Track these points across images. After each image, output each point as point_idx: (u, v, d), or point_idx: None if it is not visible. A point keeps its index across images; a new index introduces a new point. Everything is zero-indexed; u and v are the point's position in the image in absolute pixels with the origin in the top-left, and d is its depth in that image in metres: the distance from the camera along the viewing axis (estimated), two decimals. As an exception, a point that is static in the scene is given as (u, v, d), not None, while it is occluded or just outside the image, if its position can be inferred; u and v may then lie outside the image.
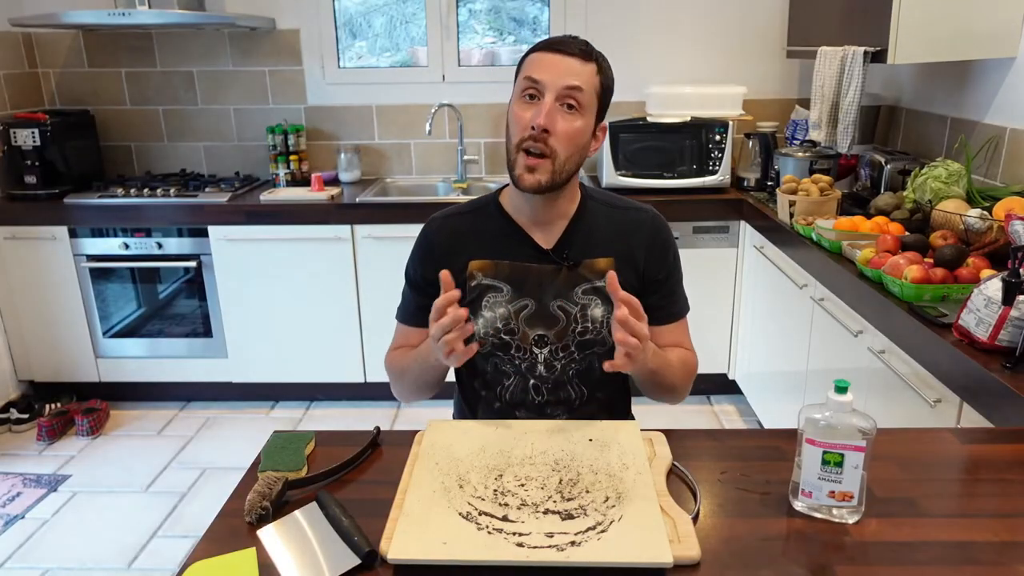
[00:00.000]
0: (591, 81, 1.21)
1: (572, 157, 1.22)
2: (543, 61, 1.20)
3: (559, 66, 1.19)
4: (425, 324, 1.33)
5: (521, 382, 1.33)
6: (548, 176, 1.21)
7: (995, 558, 0.84)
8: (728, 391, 3.13)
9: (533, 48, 1.24)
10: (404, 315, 1.39)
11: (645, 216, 1.34)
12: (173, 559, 2.23)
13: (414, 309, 1.36)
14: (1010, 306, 1.33)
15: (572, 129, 1.20)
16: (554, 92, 1.18)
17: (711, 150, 2.90)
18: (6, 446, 2.88)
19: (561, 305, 1.29)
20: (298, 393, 3.21)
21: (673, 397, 1.31)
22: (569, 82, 1.18)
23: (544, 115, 1.17)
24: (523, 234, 1.31)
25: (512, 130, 1.23)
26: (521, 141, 1.20)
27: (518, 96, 1.23)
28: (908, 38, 2.20)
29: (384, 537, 0.87)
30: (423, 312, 1.33)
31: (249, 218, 2.90)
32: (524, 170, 1.21)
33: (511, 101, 1.25)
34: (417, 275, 1.35)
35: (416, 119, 3.32)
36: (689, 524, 0.89)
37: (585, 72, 1.20)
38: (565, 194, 1.29)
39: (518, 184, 1.23)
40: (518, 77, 1.24)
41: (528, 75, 1.20)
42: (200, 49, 3.28)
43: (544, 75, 1.19)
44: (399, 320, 1.40)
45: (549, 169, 1.21)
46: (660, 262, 1.32)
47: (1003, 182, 2.27)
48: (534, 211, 1.29)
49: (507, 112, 1.26)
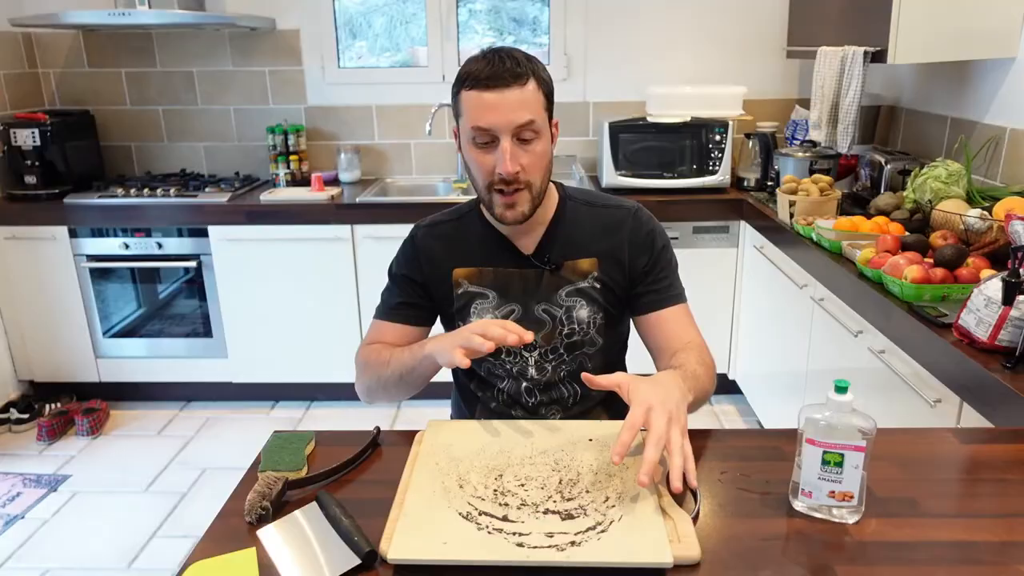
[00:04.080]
0: (536, 102, 1.17)
1: (545, 177, 1.24)
2: (484, 104, 1.14)
3: (502, 106, 1.14)
4: (403, 321, 1.34)
5: (514, 384, 1.33)
6: (529, 205, 1.21)
7: (995, 558, 0.84)
8: (728, 391, 3.13)
9: (466, 84, 1.16)
10: (383, 311, 1.37)
11: (626, 212, 1.32)
12: (173, 559, 2.23)
13: (394, 304, 1.35)
14: (1010, 306, 1.33)
15: (536, 156, 1.19)
16: (508, 134, 1.15)
17: (711, 150, 2.90)
18: (6, 446, 2.88)
19: (546, 309, 1.29)
20: (298, 393, 3.21)
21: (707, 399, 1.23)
22: (519, 120, 1.15)
23: (508, 161, 1.15)
24: (504, 240, 1.31)
25: (476, 175, 1.21)
26: (491, 184, 1.20)
27: (469, 143, 1.19)
28: (908, 38, 2.20)
29: (384, 537, 0.87)
30: (403, 308, 1.34)
31: (249, 218, 2.90)
32: (504, 209, 1.21)
33: (462, 142, 1.22)
34: (401, 273, 1.35)
35: (416, 119, 3.32)
36: (689, 524, 0.89)
37: (528, 98, 1.16)
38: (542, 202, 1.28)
39: (501, 221, 1.23)
40: (460, 118, 1.20)
41: (475, 125, 1.16)
42: (200, 49, 3.28)
43: (492, 120, 1.14)
44: (377, 317, 1.37)
45: (528, 198, 1.21)
46: (645, 253, 1.30)
47: (1003, 182, 2.27)
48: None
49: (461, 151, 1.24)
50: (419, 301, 1.34)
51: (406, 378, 1.26)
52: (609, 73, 3.24)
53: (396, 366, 1.25)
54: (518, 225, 1.25)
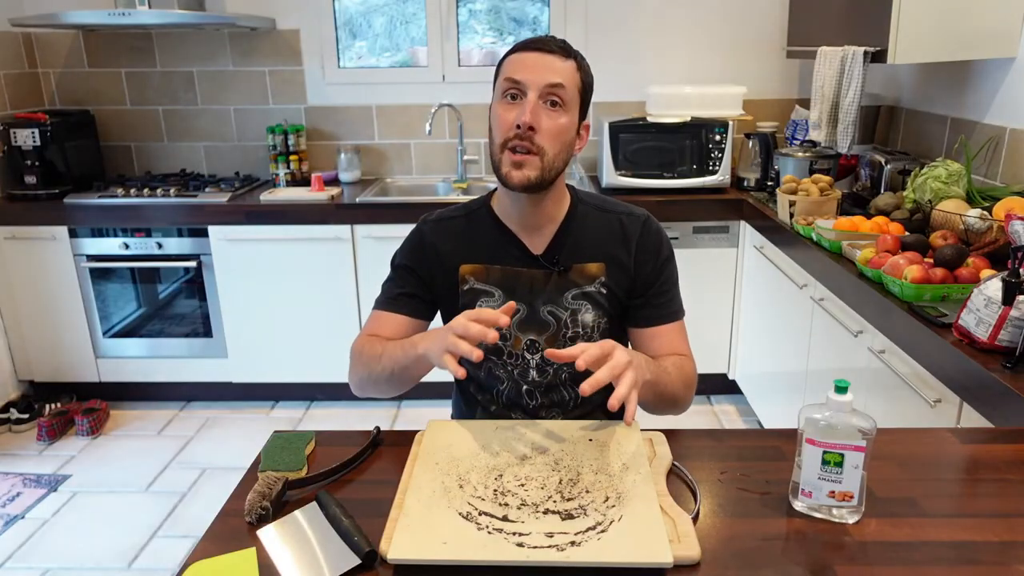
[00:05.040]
0: (572, 78, 1.21)
1: (559, 154, 1.21)
2: (523, 61, 1.20)
3: (539, 64, 1.18)
4: (402, 312, 1.32)
5: (515, 386, 1.33)
6: (537, 172, 1.19)
7: (995, 558, 0.84)
8: (728, 391, 3.13)
9: (511, 50, 1.23)
10: (383, 301, 1.35)
11: (636, 219, 1.32)
12: (173, 559, 2.23)
13: (395, 294, 1.34)
14: (1010, 306, 1.33)
15: (557, 126, 1.19)
16: (537, 90, 1.18)
17: (711, 150, 2.90)
18: (6, 446, 2.88)
19: (551, 310, 1.29)
20: (298, 393, 3.21)
21: (676, 408, 1.26)
22: (551, 79, 1.18)
23: (529, 113, 1.16)
24: (514, 239, 1.30)
25: (496, 132, 1.21)
26: (506, 141, 1.19)
27: (499, 97, 1.22)
28: (908, 38, 2.20)
29: (384, 537, 0.87)
30: (403, 299, 1.33)
31: (249, 218, 2.90)
32: (512, 167, 1.19)
33: (492, 103, 1.24)
34: (404, 263, 1.34)
35: (416, 119, 3.32)
36: (689, 524, 0.89)
37: (566, 69, 1.20)
38: (553, 196, 1.27)
39: (507, 182, 1.21)
40: (497, 80, 1.23)
41: (509, 76, 1.19)
42: (200, 49, 3.28)
43: (525, 75, 1.18)
44: (376, 308, 1.35)
45: (538, 165, 1.19)
46: (651, 264, 1.30)
47: (1003, 182, 2.27)
48: (523, 215, 1.28)
49: (488, 115, 1.25)
50: (420, 293, 1.33)
51: (397, 375, 1.23)
52: (609, 73, 3.24)
53: (387, 362, 1.23)
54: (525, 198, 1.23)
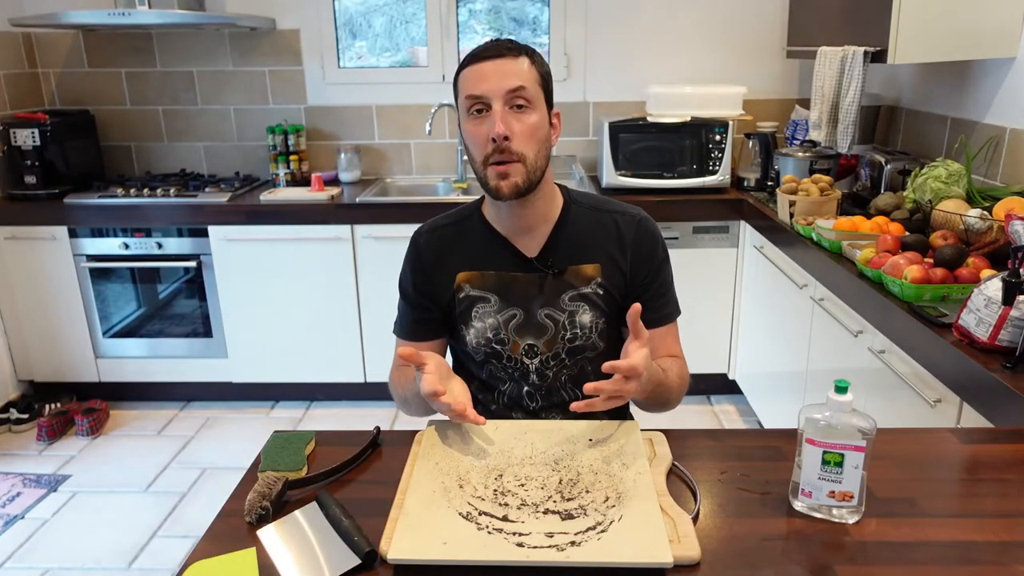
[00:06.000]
0: (530, 75, 1.20)
1: (540, 153, 1.21)
2: (479, 73, 1.19)
3: (495, 72, 1.18)
4: (420, 338, 1.34)
5: (516, 388, 1.33)
6: (523, 177, 1.19)
7: (995, 558, 0.84)
8: (728, 391, 3.13)
9: (462, 65, 1.22)
10: (400, 329, 1.38)
11: (631, 219, 1.32)
12: (173, 559, 2.23)
13: (410, 322, 1.36)
14: (1010, 306, 1.33)
15: (530, 127, 1.19)
16: (500, 99, 1.17)
17: (711, 150, 2.90)
18: (6, 446, 2.88)
19: (549, 313, 1.29)
20: (298, 393, 3.21)
21: (666, 408, 1.28)
22: (510, 84, 1.17)
23: (500, 123, 1.16)
24: (506, 243, 1.30)
25: (473, 150, 1.22)
26: (487, 157, 1.19)
27: (466, 116, 1.21)
28: (908, 38, 2.20)
29: (384, 537, 0.87)
30: (419, 326, 1.35)
31: (249, 218, 2.90)
32: (498, 179, 1.19)
33: (460, 123, 1.24)
34: (409, 288, 1.35)
35: (416, 119, 3.32)
36: (689, 524, 0.89)
37: (521, 69, 1.19)
38: (542, 196, 1.27)
39: (497, 195, 1.21)
40: (458, 99, 1.23)
41: (469, 93, 1.19)
42: (200, 49, 3.28)
43: (484, 87, 1.18)
44: (396, 334, 1.39)
45: (522, 171, 1.19)
46: (647, 264, 1.30)
47: (1003, 182, 2.27)
48: (513, 218, 1.28)
49: (460, 134, 1.26)
50: (429, 315, 1.34)
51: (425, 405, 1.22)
52: (609, 73, 3.24)
53: (412, 397, 1.25)
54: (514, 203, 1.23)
